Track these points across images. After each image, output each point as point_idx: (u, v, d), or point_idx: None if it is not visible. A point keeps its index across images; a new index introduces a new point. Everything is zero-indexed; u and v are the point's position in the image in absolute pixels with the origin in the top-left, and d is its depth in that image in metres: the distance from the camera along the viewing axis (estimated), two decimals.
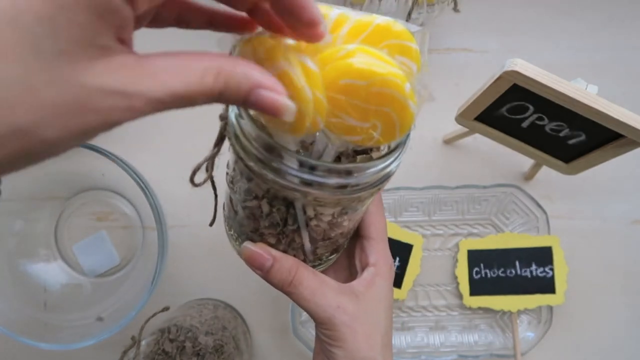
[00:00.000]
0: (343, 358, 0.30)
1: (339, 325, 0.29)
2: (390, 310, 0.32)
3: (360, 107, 0.22)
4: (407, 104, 0.22)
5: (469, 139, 0.54)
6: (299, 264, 0.30)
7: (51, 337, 0.47)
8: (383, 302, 0.32)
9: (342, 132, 0.23)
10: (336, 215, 0.27)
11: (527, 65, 0.37)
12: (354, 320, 0.30)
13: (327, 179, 0.24)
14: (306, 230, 0.28)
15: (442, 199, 0.54)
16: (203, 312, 0.49)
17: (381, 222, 0.33)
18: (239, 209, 0.29)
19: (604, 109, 0.37)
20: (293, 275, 0.29)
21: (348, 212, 0.28)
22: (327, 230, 0.29)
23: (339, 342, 0.30)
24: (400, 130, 0.23)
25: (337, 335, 0.29)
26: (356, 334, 0.30)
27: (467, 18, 0.57)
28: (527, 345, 0.52)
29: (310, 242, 0.29)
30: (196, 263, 0.55)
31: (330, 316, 0.29)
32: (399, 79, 0.21)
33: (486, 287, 0.52)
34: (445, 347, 0.53)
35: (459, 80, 0.56)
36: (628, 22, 0.57)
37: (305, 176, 0.24)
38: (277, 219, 0.27)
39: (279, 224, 0.28)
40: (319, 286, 0.29)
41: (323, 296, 0.29)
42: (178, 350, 0.43)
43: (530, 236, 0.53)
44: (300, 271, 0.29)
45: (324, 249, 0.31)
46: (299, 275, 0.29)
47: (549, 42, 0.57)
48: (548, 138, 0.45)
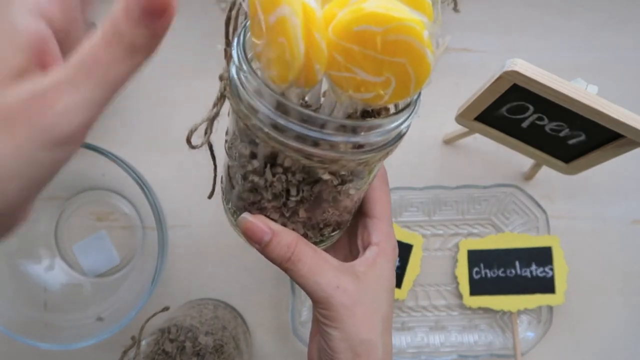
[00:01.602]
0: (340, 340, 0.28)
1: (336, 306, 0.28)
2: (392, 293, 0.31)
3: (374, 58, 0.20)
4: (424, 53, 0.20)
5: (469, 139, 0.54)
6: (299, 239, 0.28)
7: (51, 337, 0.47)
8: (385, 284, 0.30)
9: (352, 88, 0.21)
10: (342, 183, 0.26)
11: (527, 65, 0.37)
12: (353, 301, 0.28)
13: (335, 137, 0.22)
14: (309, 201, 0.27)
15: (442, 199, 0.54)
16: (203, 312, 0.49)
17: (385, 201, 0.32)
18: (238, 179, 0.28)
19: (604, 109, 0.37)
20: (292, 251, 0.28)
21: (354, 179, 0.26)
22: (332, 200, 0.27)
23: (336, 323, 0.28)
24: (416, 85, 0.22)
25: (335, 316, 0.28)
26: (355, 315, 0.28)
27: (467, 18, 0.57)
28: (527, 345, 0.52)
29: (313, 215, 0.28)
30: (196, 263, 0.55)
31: (328, 296, 0.28)
32: (418, 24, 0.20)
33: (486, 287, 0.52)
34: (445, 347, 0.53)
35: (459, 80, 0.56)
36: (628, 22, 0.57)
37: (312, 134, 0.22)
38: (278, 189, 0.26)
39: (281, 194, 0.26)
40: (319, 264, 0.28)
41: (322, 275, 0.28)
42: (178, 350, 0.43)
43: (530, 236, 0.53)
44: (300, 247, 0.28)
45: (327, 225, 0.30)
46: (299, 251, 0.28)
47: (549, 42, 0.57)
48: (548, 138, 0.45)
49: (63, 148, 0.18)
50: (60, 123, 0.17)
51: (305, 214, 0.28)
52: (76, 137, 0.18)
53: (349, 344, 0.28)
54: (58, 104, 0.17)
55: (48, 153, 0.17)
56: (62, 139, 0.17)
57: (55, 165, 0.18)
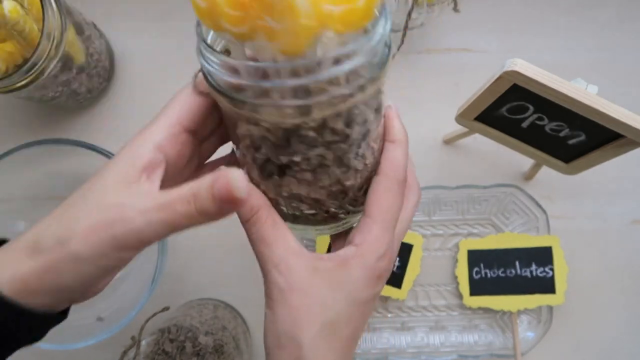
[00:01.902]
0: (269, 321, 0.27)
1: (270, 284, 0.27)
2: (356, 306, 0.27)
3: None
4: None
5: (469, 139, 0.54)
6: (267, 207, 0.27)
7: (51, 337, 0.47)
8: (347, 291, 0.26)
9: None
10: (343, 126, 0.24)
11: (527, 65, 0.37)
12: (289, 287, 0.26)
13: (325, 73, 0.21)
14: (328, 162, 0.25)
15: (442, 199, 0.54)
16: (203, 312, 0.49)
17: (388, 202, 0.27)
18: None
19: (604, 109, 0.37)
20: (253, 213, 0.26)
21: (353, 123, 0.24)
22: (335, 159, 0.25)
23: (269, 301, 0.27)
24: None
25: (268, 294, 0.27)
26: (286, 302, 0.26)
27: (467, 18, 0.57)
28: (527, 345, 0.52)
29: (305, 187, 0.26)
30: (196, 263, 0.55)
31: (266, 270, 0.27)
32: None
33: (486, 287, 0.52)
34: (445, 347, 0.53)
35: (459, 80, 0.56)
36: (628, 22, 0.57)
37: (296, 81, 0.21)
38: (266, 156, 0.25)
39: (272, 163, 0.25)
40: (272, 235, 0.26)
41: (270, 247, 0.26)
42: (178, 350, 0.43)
43: (530, 236, 0.53)
44: (262, 212, 0.27)
45: (332, 198, 0.27)
46: (259, 215, 0.26)
47: (549, 42, 0.57)
48: (548, 138, 0.45)
49: (129, 252, 0.24)
50: (132, 235, 0.24)
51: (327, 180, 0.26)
52: (138, 246, 0.24)
53: (275, 329, 0.27)
54: (132, 221, 0.23)
55: (118, 253, 0.24)
56: (131, 244, 0.24)
57: (119, 262, 0.25)
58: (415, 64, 0.57)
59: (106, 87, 0.57)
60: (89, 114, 0.57)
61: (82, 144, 0.47)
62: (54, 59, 0.44)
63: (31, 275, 0.24)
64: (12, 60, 0.44)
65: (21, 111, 0.57)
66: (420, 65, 0.57)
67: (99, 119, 0.57)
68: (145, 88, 0.56)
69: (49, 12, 0.43)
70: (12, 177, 0.50)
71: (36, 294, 0.24)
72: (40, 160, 0.49)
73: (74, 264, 0.24)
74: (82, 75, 0.51)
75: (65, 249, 0.23)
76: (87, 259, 0.23)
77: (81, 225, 0.24)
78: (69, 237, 0.23)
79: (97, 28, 0.54)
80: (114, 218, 0.23)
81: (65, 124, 0.57)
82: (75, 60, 0.49)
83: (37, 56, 0.43)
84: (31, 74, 0.44)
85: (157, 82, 0.55)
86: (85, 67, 0.51)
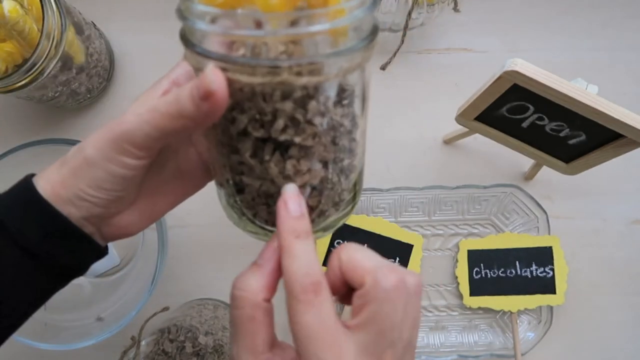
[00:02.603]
0: None
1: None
2: None
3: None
4: None
5: (469, 139, 0.54)
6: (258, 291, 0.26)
7: (51, 337, 0.47)
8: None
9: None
10: (332, 106, 0.24)
11: (527, 65, 0.37)
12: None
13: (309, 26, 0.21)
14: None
15: (442, 199, 0.54)
16: (203, 312, 0.49)
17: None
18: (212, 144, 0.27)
19: (604, 109, 0.37)
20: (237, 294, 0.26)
21: (344, 100, 0.24)
22: (323, 139, 0.24)
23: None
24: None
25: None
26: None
27: (467, 18, 0.57)
28: (527, 346, 0.52)
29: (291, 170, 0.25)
30: (196, 263, 0.55)
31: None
32: None
33: (486, 287, 0.52)
34: (445, 347, 0.53)
35: (459, 80, 0.56)
36: (628, 22, 0.57)
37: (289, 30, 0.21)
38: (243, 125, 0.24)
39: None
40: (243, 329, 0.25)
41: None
42: (178, 350, 0.43)
43: (530, 236, 0.53)
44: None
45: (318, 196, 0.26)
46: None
47: (549, 42, 0.57)
48: (548, 138, 0.45)
49: (128, 155, 0.26)
50: (127, 137, 0.26)
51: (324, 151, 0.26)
52: (133, 148, 0.26)
53: None
54: (126, 122, 0.25)
55: (119, 155, 0.26)
56: (127, 145, 0.26)
57: (124, 167, 0.26)
58: (415, 64, 0.57)
59: (106, 87, 0.57)
60: (89, 114, 0.57)
61: None
62: (54, 59, 0.44)
63: (57, 182, 0.27)
64: (12, 60, 0.44)
65: (21, 111, 0.57)
66: (420, 65, 0.57)
67: (99, 119, 0.57)
68: (145, 88, 0.56)
69: (48, 12, 0.43)
70: (12, 177, 0.49)
71: (63, 202, 0.27)
72: (40, 160, 0.49)
73: (87, 168, 0.26)
74: (81, 75, 0.51)
75: (81, 155, 0.27)
76: (96, 162, 0.26)
77: (95, 135, 0.27)
78: (85, 146, 0.27)
79: (97, 28, 0.54)
80: (116, 122, 0.26)
81: (65, 124, 0.57)
82: (75, 60, 0.49)
83: (37, 56, 0.43)
84: (31, 74, 0.44)
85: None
86: (85, 67, 0.51)
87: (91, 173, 0.26)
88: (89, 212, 0.28)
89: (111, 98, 0.57)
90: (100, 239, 0.30)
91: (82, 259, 0.29)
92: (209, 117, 0.24)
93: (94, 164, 0.26)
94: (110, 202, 0.28)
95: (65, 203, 0.27)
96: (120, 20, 0.57)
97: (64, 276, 0.29)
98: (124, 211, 0.29)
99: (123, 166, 0.26)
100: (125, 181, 0.27)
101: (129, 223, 0.30)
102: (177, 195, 0.31)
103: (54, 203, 0.27)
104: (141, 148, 0.26)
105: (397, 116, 0.55)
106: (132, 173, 0.27)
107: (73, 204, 0.27)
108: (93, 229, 0.29)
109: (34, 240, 0.27)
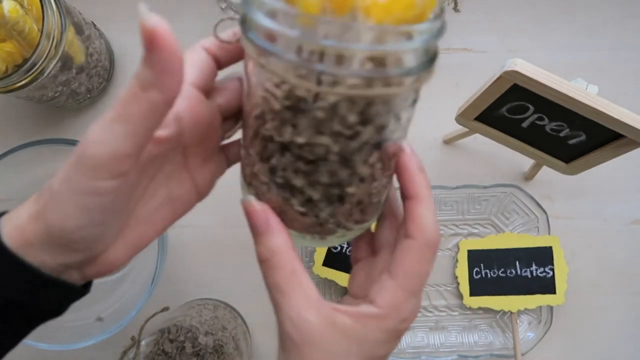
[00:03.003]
0: None
1: (284, 335, 0.25)
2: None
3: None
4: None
5: (469, 139, 0.54)
6: (288, 249, 0.25)
7: (51, 337, 0.47)
8: (361, 350, 0.25)
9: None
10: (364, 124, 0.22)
11: (527, 65, 0.37)
12: (302, 342, 0.25)
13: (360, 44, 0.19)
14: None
15: (442, 199, 0.54)
16: (203, 312, 0.49)
17: (415, 269, 0.25)
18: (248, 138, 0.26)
19: (604, 109, 0.37)
20: (271, 256, 0.25)
21: (368, 122, 0.23)
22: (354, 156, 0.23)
23: (282, 350, 0.26)
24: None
25: (281, 343, 0.26)
26: (298, 356, 0.25)
27: (467, 18, 0.57)
28: (527, 346, 0.52)
29: (301, 179, 0.24)
30: (196, 263, 0.55)
31: (280, 320, 0.25)
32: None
33: (486, 287, 0.52)
34: (445, 347, 0.53)
35: (459, 80, 0.56)
36: (628, 22, 0.57)
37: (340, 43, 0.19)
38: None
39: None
40: (289, 284, 0.25)
41: (285, 297, 0.25)
42: (178, 350, 0.43)
43: (530, 236, 0.53)
44: (280, 256, 0.25)
45: (326, 202, 0.26)
46: (277, 259, 0.25)
47: (549, 42, 0.57)
48: (548, 138, 0.45)
49: (97, 177, 0.21)
50: (90, 153, 0.21)
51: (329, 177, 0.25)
52: (109, 165, 0.21)
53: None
54: (89, 137, 0.21)
55: (88, 180, 0.21)
56: (93, 165, 0.21)
57: (94, 194, 0.22)
58: None
59: (106, 87, 0.57)
60: (89, 114, 0.57)
61: None
62: (54, 59, 0.44)
63: (27, 223, 0.23)
64: (12, 60, 0.44)
65: (21, 111, 0.57)
66: None
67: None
68: None
69: (48, 12, 0.43)
70: (12, 177, 0.49)
71: (34, 248, 0.23)
72: (40, 160, 0.49)
73: (56, 204, 0.22)
74: (81, 75, 0.51)
75: (49, 190, 0.22)
76: (62, 194, 0.22)
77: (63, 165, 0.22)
78: (53, 178, 0.22)
79: (97, 28, 0.54)
80: (81, 145, 0.21)
81: (65, 124, 0.57)
82: (75, 60, 0.49)
83: (37, 56, 0.43)
84: (31, 74, 0.44)
85: None
86: (85, 67, 0.51)
87: (60, 208, 0.22)
88: (67, 259, 0.24)
89: (111, 98, 0.57)
90: (82, 280, 0.26)
91: (60, 303, 0.26)
92: (167, 74, 0.20)
93: (60, 196, 0.22)
94: (88, 244, 0.24)
95: (36, 251, 0.23)
96: (120, 20, 0.57)
97: (41, 320, 0.26)
98: (107, 249, 0.26)
99: (95, 193, 0.22)
100: (102, 212, 0.23)
101: (115, 259, 0.26)
102: (166, 222, 0.28)
103: (22, 251, 0.23)
104: (110, 162, 0.21)
105: None
106: (108, 199, 0.22)
107: (44, 251, 0.23)
108: (73, 271, 0.25)
109: (4, 295, 0.23)
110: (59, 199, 0.22)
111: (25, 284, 0.24)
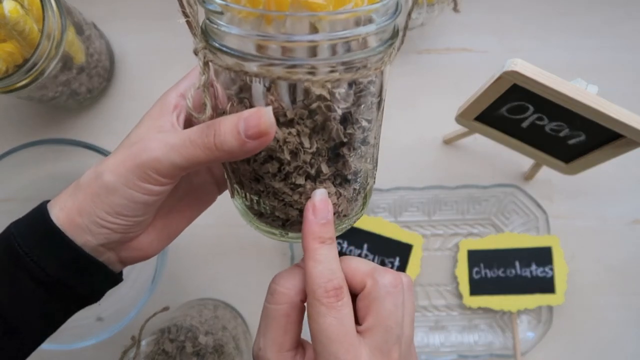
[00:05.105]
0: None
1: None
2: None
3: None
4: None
5: (469, 139, 0.54)
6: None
7: (51, 337, 0.47)
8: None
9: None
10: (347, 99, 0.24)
11: (527, 65, 0.37)
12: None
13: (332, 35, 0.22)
14: (327, 152, 0.25)
15: (442, 199, 0.54)
16: (203, 312, 0.49)
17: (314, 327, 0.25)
18: (247, 161, 0.27)
19: (604, 109, 0.37)
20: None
21: (360, 104, 0.24)
22: (347, 140, 0.25)
23: None
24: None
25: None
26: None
27: (467, 18, 0.57)
28: (527, 345, 0.52)
29: (336, 167, 0.25)
30: (196, 263, 0.55)
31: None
32: None
33: (486, 287, 0.52)
34: (445, 347, 0.53)
35: (459, 80, 0.56)
36: (628, 22, 0.57)
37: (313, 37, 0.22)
38: (294, 143, 0.25)
39: (298, 148, 0.25)
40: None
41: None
42: (178, 350, 0.43)
43: (530, 236, 0.53)
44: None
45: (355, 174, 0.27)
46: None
47: (549, 42, 0.57)
48: (548, 138, 0.45)
49: (152, 183, 0.26)
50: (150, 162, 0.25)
51: (329, 169, 0.26)
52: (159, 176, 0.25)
53: None
54: (152, 149, 0.25)
55: (142, 182, 0.26)
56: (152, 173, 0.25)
57: (146, 194, 0.26)
58: (415, 64, 0.57)
59: (106, 87, 0.57)
60: (89, 114, 0.57)
61: (82, 144, 0.47)
62: (54, 59, 0.44)
63: (72, 210, 0.26)
64: (12, 60, 0.44)
65: (21, 111, 0.57)
66: (420, 65, 0.57)
67: (99, 119, 0.57)
68: (145, 88, 0.56)
69: (49, 12, 0.43)
70: (12, 177, 0.50)
71: (79, 230, 0.26)
72: (40, 160, 0.49)
73: (107, 195, 0.26)
74: (82, 75, 0.51)
75: (99, 182, 0.26)
76: (116, 189, 0.25)
77: (113, 160, 0.26)
78: (103, 171, 0.26)
79: (97, 28, 0.54)
80: (139, 149, 0.25)
81: (65, 124, 0.57)
82: (75, 60, 0.49)
83: (37, 56, 0.43)
84: (31, 74, 0.44)
85: (157, 82, 0.55)
86: (85, 67, 0.51)
87: (111, 200, 0.26)
88: (107, 239, 0.27)
89: (112, 98, 0.57)
90: (118, 264, 0.30)
91: (97, 288, 0.29)
92: (251, 153, 0.23)
93: (114, 190, 0.26)
94: (129, 228, 0.27)
95: (81, 231, 0.27)
96: (120, 20, 0.57)
97: (78, 304, 0.30)
98: (141, 234, 0.29)
99: (146, 192, 0.26)
100: (147, 207, 0.27)
101: (147, 245, 0.30)
102: (192, 211, 0.32)
103: (69, 232, 0.27)
104: (166, 176, 0.25)
105: (397, 116, 0.56)
106: (154, 199, 0.26)
107: (90, 231, 0.27)
108: (110, 254, 0.29)
109: (48, 272, 0.27)
110: (111, 190, 0.26)
111: (71, 263, 0.27)
